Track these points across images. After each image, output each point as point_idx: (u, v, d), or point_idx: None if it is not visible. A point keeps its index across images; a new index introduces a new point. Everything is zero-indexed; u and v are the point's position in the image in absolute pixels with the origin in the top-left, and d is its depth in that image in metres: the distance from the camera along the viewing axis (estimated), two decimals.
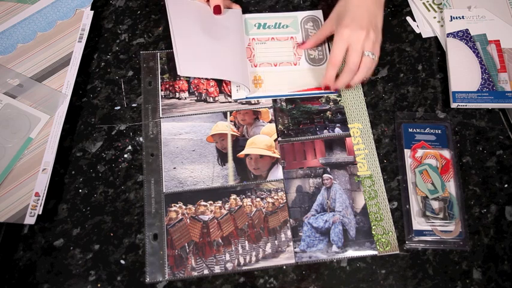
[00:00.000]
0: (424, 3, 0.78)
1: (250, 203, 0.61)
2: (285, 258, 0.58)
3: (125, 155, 0.65)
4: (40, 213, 0.58)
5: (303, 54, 0.73)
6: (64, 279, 0.57)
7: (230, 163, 0.64)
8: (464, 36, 0.72)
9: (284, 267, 0.58)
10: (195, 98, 0.69)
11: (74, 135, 0.66)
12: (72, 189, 0.63)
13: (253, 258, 0.58)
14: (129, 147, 0.65)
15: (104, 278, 0.57)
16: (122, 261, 0.58)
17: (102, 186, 0.63)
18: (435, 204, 0.61)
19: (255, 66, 0.72)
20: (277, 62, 0.72)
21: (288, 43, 0.74)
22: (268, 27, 0.75)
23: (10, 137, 0.63)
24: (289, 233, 0.60)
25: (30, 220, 0.57)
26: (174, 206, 0.61)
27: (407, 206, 0.61)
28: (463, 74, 0.69)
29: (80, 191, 0.62)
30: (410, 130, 0.66)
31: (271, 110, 0.68)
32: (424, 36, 0.75)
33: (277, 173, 0.63)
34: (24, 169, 0.61)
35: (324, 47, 0.74)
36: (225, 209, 0.61)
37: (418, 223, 0.60)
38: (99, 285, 0.57)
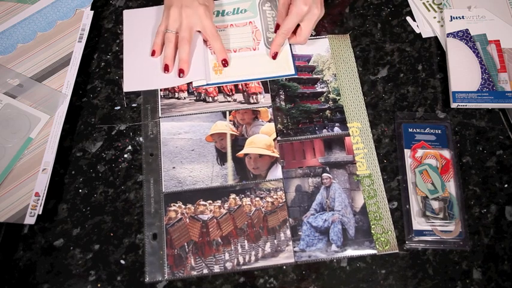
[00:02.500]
0: (424, 3, 0.77)
1: (250, 203, 0.61)
2: (285, 258, 0.58)
3: (125, 155, 0.65)
4: (40, 213, 0.58)
5: (262, 38, 0.74)
6: (64, 279, 0.57)
7: (229, 162, 0.64)
8: (464, 36, 0.72)
9: (284, 267, 0.58)
10: (194, 98, 0.69)
11: (74, 135, 0.66)
12: (72, 189, 0.63)
13: (253, 258, 0.58)
14: (129, 147, 0.65)
15: (104, 278, 0.57)
16: (122, 261, 0.58)
17: (102, 186, 0.63)
18: (435, 204, 0.61)
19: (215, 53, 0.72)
20: (236, 48, 0.73)
21: (247, 28, 0.75)
22: (227, 13, 0.76)
23: (10, 137, 0.63)
24: (288, 232, 0.60)
25: (30, 220, 0.57)
26: (174, 205, 0.61)
27: (407, 206, 0.61)
28: (463, 74, 0.69)
29: (80, 191, 0.63)
30: (410, 130, 0.66)
31: (271, 110, 0.68)
32: (424, 36, 0.75)
33: (277, 172, 0.63)
34: (24, 169, 0.61)
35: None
36: (224, 208, 0.61)
37: (418, 223, 0.60)
38: (99, 285, 0.57)
